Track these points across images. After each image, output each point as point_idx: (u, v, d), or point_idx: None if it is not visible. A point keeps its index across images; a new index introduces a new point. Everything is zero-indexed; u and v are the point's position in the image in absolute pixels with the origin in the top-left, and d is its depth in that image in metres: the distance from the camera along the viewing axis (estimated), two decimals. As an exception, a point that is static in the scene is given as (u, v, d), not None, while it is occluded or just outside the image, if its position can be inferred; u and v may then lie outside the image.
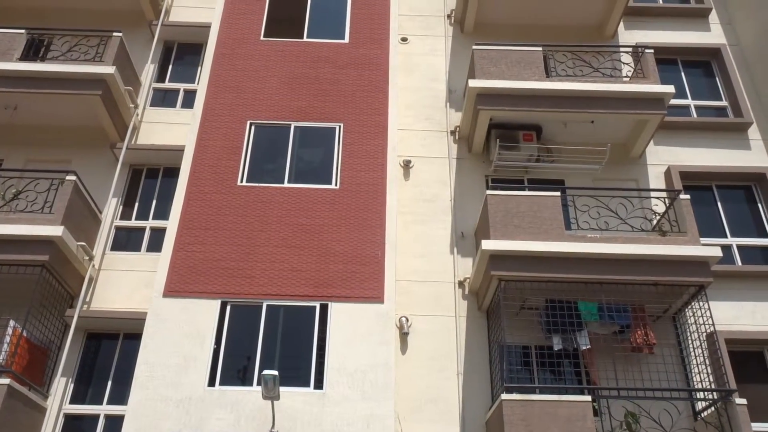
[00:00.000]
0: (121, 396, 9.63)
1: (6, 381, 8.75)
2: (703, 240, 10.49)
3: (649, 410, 8.98)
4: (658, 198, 10.99)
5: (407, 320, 10.40)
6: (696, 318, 9.91)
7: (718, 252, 9.77)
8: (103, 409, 9.95)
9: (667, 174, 11.95)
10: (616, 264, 9.76)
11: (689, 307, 10.09)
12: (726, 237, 11.66)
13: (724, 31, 14.16)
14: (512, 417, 8.58)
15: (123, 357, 10.33)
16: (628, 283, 9.77)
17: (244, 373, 9.09)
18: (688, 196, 10.32)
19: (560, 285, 9.82)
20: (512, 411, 8.63)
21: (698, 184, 12.09)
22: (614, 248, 9.77)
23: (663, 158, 12.23)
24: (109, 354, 10.48)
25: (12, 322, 9.47)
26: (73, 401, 10.07)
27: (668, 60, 13.62)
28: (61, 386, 10.01)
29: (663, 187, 11.82)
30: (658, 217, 10.79)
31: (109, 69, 11.51)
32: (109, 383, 10.19)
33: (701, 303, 9.81)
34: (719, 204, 12.04)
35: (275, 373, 8.02)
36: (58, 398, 9.92)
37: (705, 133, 12.55)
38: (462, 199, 11.72)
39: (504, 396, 8.79)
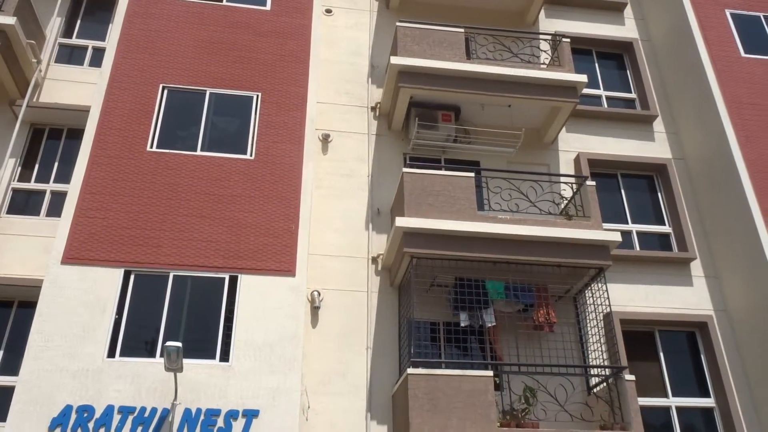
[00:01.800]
0: (13, 367, 9.14)
1: None
2: (606, 225, 11.05)
3: (546, 385, 9.40)
4: (566, 183, 11.42)
5: (319, 294, 10.38)
6: (594, 299, 10.41)
7: (617, 237, 10.27)
8: (-5, 380, 9.46)
9: (577, 160, 12.41)
10: (524, 245, 10.07)
11: (589, 288, 10.58)
12: (627, 223, 12.26)
13: (637, 25, 14.76)
14: (417, 391, 8.76)
15: (17, 326, 9.83)
16: (534, 264, 10.13)
17: (147, 344, 8.82)
18: (593, 183, 10.75)
19: (470, 264, 10.05)
20: (417, 385, 8.81)
21: (605, 172, 12.65)
22: (523, 230, 10.07)
23: (573, 145, 12.69)
24: (2, 322, 9.93)
25: None
26: (-39, 372, 9.51)
27: (584, 50, 14.11)
28: (-54, 356, 9.43)
29: (572, 172, 12.28)
30: (565, 202, 11.21)
31: (8, 20, 10.72)
32: (1, 353, 9.66)
33: (600, 285, 10.31)
34: (623, 191, 12.64)
35: (179, 344, 7.81)
36: (-57, 368, 9.34)
37: (614, 123, 13.10)
38: (380, 175, 11.75)
39: (410, 370, 8.95)
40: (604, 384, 9.73)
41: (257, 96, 10.83)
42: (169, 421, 8.26)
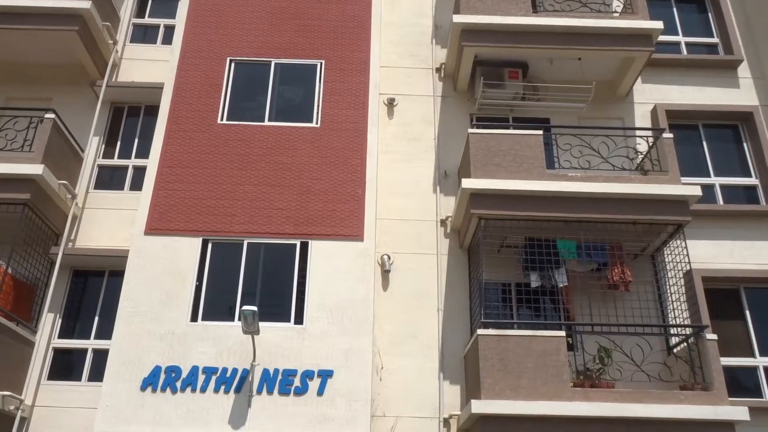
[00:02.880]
0: (108, 331, 9.75)
1: (-7, 318, 8.94)
2: (686, 179, 10.53)
3: (622, 345, 9.19)
4: (641, 137, 10.94)
5: (389, 258, 10.52)
6: (674, 256, 10.02)
7: (697, 191, 9.79)
8: (91, 344, 10.19)
9: (653, 113, 11.84)
10: (596, 202, 9.79)
11: (667, 245, 10.19)
12: (710, 176, 11.65)
13: (718, -36, 13.75)
14: (487, 351, 8.80)
15: (108, 293, 10.49)
16: (608, 222, 9.84)
17: (226, 309, 9.26)
18: (671, 135, 10.26)
19: (540, 223, 9.87)
20: (487, 345, 8.84)
21: (685, 123, 11.99)
22: (595, 187, 9.78)
23: (650, 96, 12.09)
24: (95, 290, 10.65)
25: (-4, 260, 9.59)
26: (61, 336, 10.30)
27: (660, -6, 13.30)
28: (49, 322, 10.22)
29: (649, 125, 11.74)
30: (640, 157, 10.76)
31: (85, 3, 11.22)
32: (96, 318, 10.39)
33: (679, 241, 9.90)
34: (705, 143, 11.98)
35: (254, 308, 8.17)
36: (47, 333, 10.14)
37: (694, 71, 12.36)
38: (446, 137, 11.65)
39: (480, 331, 8.98)
40: (684, 344, 9.43)
41: (321, 64, 10.92)
42: (249, 381, 8.69)
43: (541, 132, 10.27)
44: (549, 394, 8.49)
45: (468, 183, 9.83)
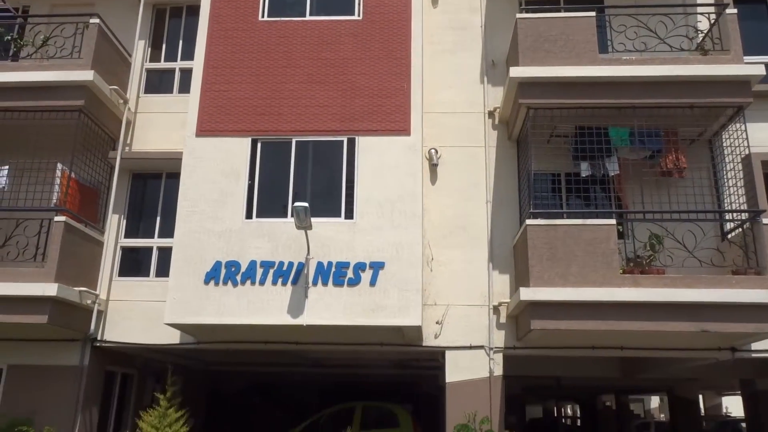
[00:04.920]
0: (170, 230, 10.23)
1: (62, 219, 9.47)
2: (749, 58, 9.89)
3: (674, 232, 9.10)
4: (702, 14, 10.26)
5: (436, 152, 10.51)
6: (732, 140, 9.65)
7: (761, 70, 9.25)
8: (155, 242, 10.75)
9: (718, -14, 11.00)
10: (652, 87, 9.41)
11: (726, 129, 9.79)
12: (775, 54, 10.93)
13: None
14: (536, 241, 8.87)
15: (167, 194, 10.91)
16: (663, 107, 9.48)
17: (278, 206, 9.53)
18: (734, 11, 9.59)
19: (592, 111, 9.59)
20: (536, 235, 8.91)
21: (752, -3, 11.15)
22: (650, 70, 9.37)
23: (714, -31, 11.20)
24: (155, 192, 11.10)
25: (59, 165, 10.02)
26: (127, 236, 10.89)
27: None
28: (114, 223, 10.78)
29: (710, 1, 10.95)
30: (701, 36, 10.15)
31: None
32: (158, 218, 10.89)
33: (738, 125, 9.50)
34: (772, 18, 11.17)
35: (305, 204, 8.40)
36: (113, 233, 10.73)
37: (765, -63, 11.32)
38: (494, 25, 11.20)
39: (528, 221, 9.03)
40: (739, 229, 9.27)
41: (360, -49, 10.50)
42: (304, 274, 9.07)
43: (593, 13, 9.76)
44: (598, 281, 8.58)
45: (516, 71, 9.55)
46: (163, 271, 10.06)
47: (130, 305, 10.37)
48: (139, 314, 10.25)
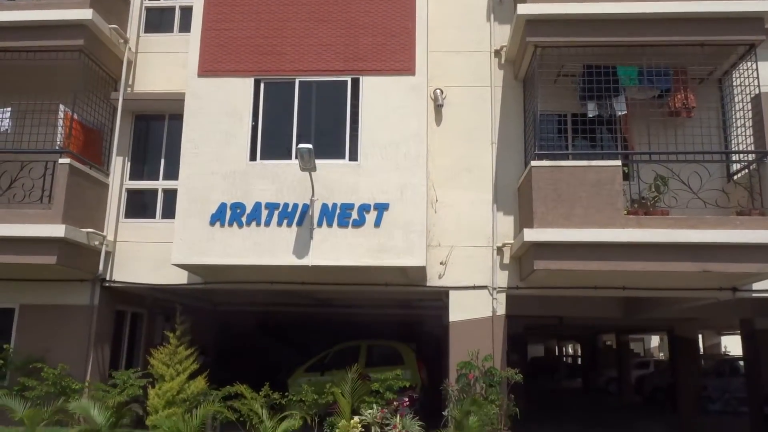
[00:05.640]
0: (174, 172, 10.20)
1: (66, 161, 9.48)
2: (764, -7, 9.63)
3: (680, 173, 9.06)
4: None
5: (441, 92, 10.38)
6: (742, 80, 9.49)
7: (775, 6, 9.02)
8: (160, 184, 10.78)
9: None
10: (662, 24, 9.20)
11: (736, 68, 9.61)
12: (792, -11, 10.60)
13: None
14: (541, 182, 8.86)
15: (171, 136, 10.86)
16: (673, 45, 9.29)
17: (283, 147, 9.48)
18: (750, -56, 9.26)
19: (600, 49, 9.41)
20: (541, 177, 8.88)
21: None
22: (660, 6, 9.14)
23: None
24: (158, 134, 11.05)
25: (62, 107, 9.96)
26: (132, 178, 10.91)
27: None
28: (119, 165, 10.78)
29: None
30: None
31: None
32: (162, 161, 10.88)
33: (750, 63, 9.31)
34: (791, -50, 10.76)
35: (310, 146, 8.38)
36: (118, 175, 10.75)
37: None
38: (501, -41, 10.87)
39: (533, 163, 8.99)
40: (746, 170, 9.22)
41: None
42: (309, 215, 9.12)
43: (604, -53, 9.44)
44: (602, 222, 8.60)
45: (524, 8, 9.33)
46: (169, 213, 10.13)
47: (137, 247, 10.48)
48: (147, 255, 10.37)
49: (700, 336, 21.56)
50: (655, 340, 36.85)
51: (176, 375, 9.26)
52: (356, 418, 8.59)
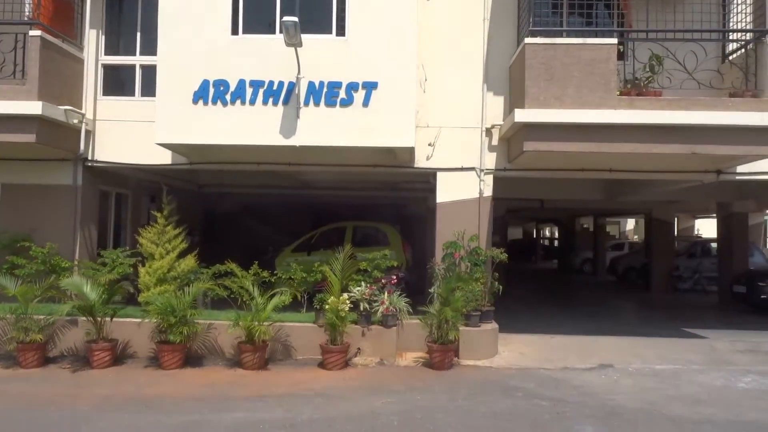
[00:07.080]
0: (152, 47, 9.73)
1: (37, 33, 8.97)
2: None
3: (675, 52, 8.84)
4: None
5: (433, -37, 9.81)
6: (748, -47, 9.07)
7: None
8: (137, 60, 10.34)
9: None
10: None
11: (744, -60, 9.15)
12: None
13: None
14: (534, 61, 8.60)
15: (146, 7, 10.29)
16: None
17: (266, 21, 9.03)
18: None
19: None
20: (534, 55, 8.61)
21: None
22: None
23: None
24: (132, 5, 10.43)
25: (27, -26, 9.28)
26: (107, 53, 10.42)
27: None
28: (92, 39, 10.25)
29: None
30: None
31: None
32: (138, 34, 10.35)
33: (758, -66, 8.86)
34: None
35: (295, 19, 7.96)
36: (93, 50, 10.25)
37: None
38: None
39: (527, 40, 8.68)
40: (743, 50, 9.02)
41: None
42: (295, 93, 8.84)
43: None
44: (594, 102, 8.46)
45: None
46: (149, 90, 9.79)
47: (118, 126, 10.20)
48: (129, 135, 10.12)
49: (675, 219, 22.12)
50: (630, 223, 37.86)
51: (165, 254, 9.33)
52: (345, 295, 8.81)
